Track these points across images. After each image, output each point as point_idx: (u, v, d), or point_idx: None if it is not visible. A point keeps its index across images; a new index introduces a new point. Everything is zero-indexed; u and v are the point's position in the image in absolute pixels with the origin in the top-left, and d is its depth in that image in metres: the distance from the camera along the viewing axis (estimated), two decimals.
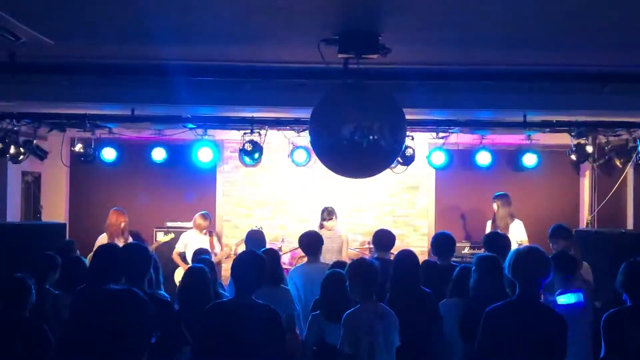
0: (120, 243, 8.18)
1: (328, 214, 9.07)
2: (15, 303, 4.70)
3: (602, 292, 6.12)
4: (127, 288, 2.66)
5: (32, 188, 10.34)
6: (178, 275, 9.01)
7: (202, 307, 4.63)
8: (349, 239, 9.38)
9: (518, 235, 9.26)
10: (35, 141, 9.17)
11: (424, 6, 4.34)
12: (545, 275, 4.29)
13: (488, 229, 9.50)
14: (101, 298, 2.45)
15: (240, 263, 4.60)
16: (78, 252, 7.16)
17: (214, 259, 8.47)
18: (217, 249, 9.38)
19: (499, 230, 8.17)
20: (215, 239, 9.65)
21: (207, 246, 8.92)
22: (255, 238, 7.34)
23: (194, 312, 4.87)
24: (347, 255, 8.78)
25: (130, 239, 8.90)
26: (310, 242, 6.76)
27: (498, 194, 9.66)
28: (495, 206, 9.61)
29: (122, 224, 9.03)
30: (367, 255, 9.59)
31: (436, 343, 5.40)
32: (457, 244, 7.27)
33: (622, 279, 4.66)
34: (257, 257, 4.70)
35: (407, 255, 5.73)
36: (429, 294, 5.50)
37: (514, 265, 4.29)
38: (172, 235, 9.65)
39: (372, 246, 8.33)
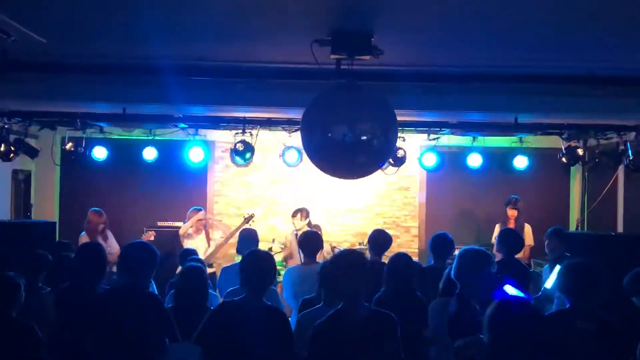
0: (102, 243, 8.08)
1: (307, 214, 9.10)
2: (4, 302, 4.68)
3: None
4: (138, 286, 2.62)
5: (23, 186, 10.30)
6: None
7: (200, 306, 4.59)
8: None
9: (529, 239, 9.40)
10: (26, 139, 9.14)
11: (416, 8, 4.35)
12: None
13: (496, 232, 9.52)
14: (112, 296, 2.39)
15: (254, 263, 4.48)
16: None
17: (206, 257, 8.50)
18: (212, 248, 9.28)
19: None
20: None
21: (203, 242, 9.02)
22: (249, 237, 7.25)
23: (191, 312, 4.85)
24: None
25: (111, 238, 8.85)
26: (311, 243, 6.64)
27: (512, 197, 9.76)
28: (510, 211, 9.66)
29: (101, 225, 8.90)
30: None
31: (425, 344, 5.39)
32: None
33: (561, 281, 4.53)
34: (267, 256, 4.64)
35: (400, 259, 5.66)
36: (422, 300, 5.45)
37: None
38: (153, 233, 9.57)
39: (363, 247, 8.29)
